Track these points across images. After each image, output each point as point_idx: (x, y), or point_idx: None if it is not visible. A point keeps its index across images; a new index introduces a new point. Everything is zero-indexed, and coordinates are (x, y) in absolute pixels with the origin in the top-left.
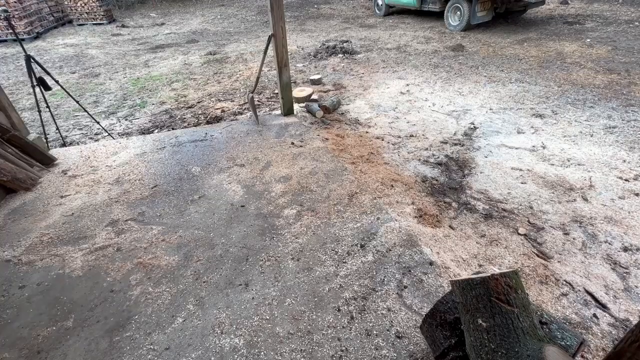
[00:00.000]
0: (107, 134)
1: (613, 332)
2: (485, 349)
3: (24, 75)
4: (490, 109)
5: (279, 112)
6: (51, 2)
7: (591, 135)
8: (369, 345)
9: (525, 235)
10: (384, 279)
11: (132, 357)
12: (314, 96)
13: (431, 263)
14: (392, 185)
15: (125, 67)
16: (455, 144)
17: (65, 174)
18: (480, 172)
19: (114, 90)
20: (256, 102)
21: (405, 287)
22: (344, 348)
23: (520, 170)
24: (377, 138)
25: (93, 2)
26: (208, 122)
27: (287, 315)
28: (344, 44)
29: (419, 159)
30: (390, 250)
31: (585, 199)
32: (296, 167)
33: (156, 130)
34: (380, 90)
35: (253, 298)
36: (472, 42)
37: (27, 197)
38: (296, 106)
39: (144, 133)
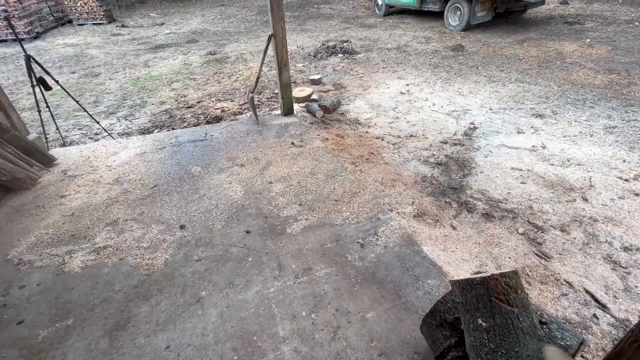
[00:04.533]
0: (107, 134)
1: (613, 332)
2: (485, 349)
3: (24, 75)
4: (490, 109)
5: (279, 112)
6: (51, 2)
7: (591, 135)
8: (369, 345)
9: (525, 235)
10: (383, 279)
11: (132, 357)
12: (314, 96)
13: (431, 262)
14: (392, 185)
15: (125, 67)
16: (455, 144)
17: (65, 174)
18: (480, 172)
19: (114, 90)
20: (256, 102)
21: (405, 286)
22: (344, 348)
23: (520, 170)
24: (377, 138)
25: (93, 1)
26: (208, 122)
27: (287, 315)
28: (344, 44)
29: (419, 159)
30: (390, 249)
31: (585, 199)
32: (296, 167)
33: (156, 130)
34: (380, 90)
35: (253, 298)
36: (472, 42)
37: (27, 197)
38: (296, 106)
39: (143, 133)
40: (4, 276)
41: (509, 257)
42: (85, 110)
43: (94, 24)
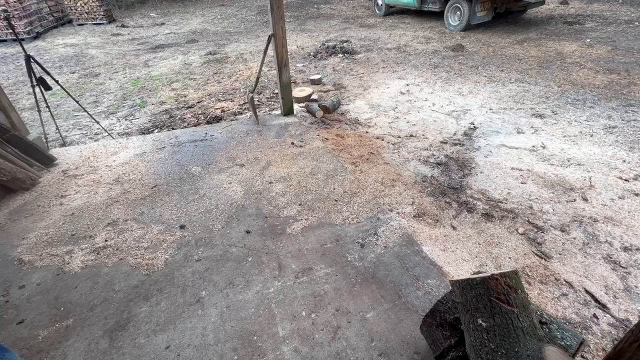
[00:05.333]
0: (107, 134)
1: (613, 332)
2: (485, 349)
3: (24, 75)
4: (490, 109)
5: (279, 112)
6: (51, 2)
7: (591, 135)
8: (369, 345)
9: (525, 235)
10: (383, 279)
11: (132, 357)
12: (314, 96)
13: (431, 262)
14: (392, 185)
15: (125, 67)
16: (455, 144)
17: (65, 174)
18: (480, 172)
19: (114, 90)
20: (256, 102)
21: (405, 286)
22: (344, 348)
23: (520, 170)
24: (377, 138)
25: (93, 1)
26: (208, 122)
27: (287, 315)
28: (344, 44)
29: (419, 159)
30: (390, 249)
31: (585, 199)
32: (296, 167)
33: (156, 130)
34: (380, 90)
35: (253, 298)
36: (472, 42)
37: (27, 197)
38: (296, 106)
39: (143, 133)
40: (4, 276)
41: (509, 257)
42: (85, 110)
43: (94, 24)
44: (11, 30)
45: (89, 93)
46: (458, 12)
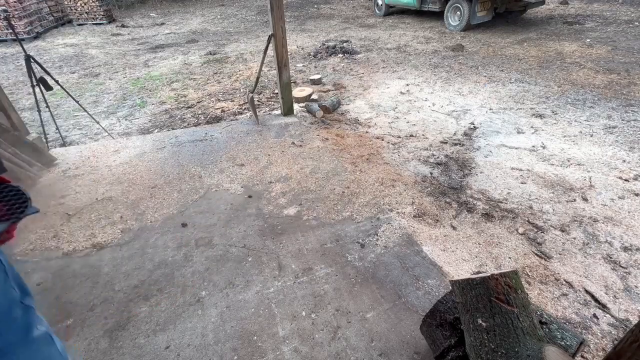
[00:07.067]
0: (107, 134)
1: (613, 332)
2: (485, 349)
3: (24, 75)
4: (490, 109)
5: (279, 112)
6: (51, 2)
7: (591, 135)
8: (369, 345)
9: (525, 235)
10: (383, 278)
11: (132, 357)
12: (314, 96)
13: (431, 262)
14: (392, 185)
15: (125, 67)
16: (455, 144)
17: (65, 174)
18: (480, 172)
19: (114, 90)
20: (256, 102)
21: (405, 286)
22: (344, 348)
23: (520, 170)
24: (377, 138)
25: (93, 1)
26: (208, 122)
27: (287, 315)
28: (344, 44)
29: (419, 159)
30: (390, 249)
31: (585, 199)
32: (296, 167)
33: (156, 130)
34: (380, 90)
35: (253, 298)
36: (472, 42)
37: None
38: (296, 106)
39: (144, 133)
40: None
41: (509, 257)
42: (85, 110)
43: (94, 24)
44: (11, 30)
45: (89, 93)
46: (458, 12)
